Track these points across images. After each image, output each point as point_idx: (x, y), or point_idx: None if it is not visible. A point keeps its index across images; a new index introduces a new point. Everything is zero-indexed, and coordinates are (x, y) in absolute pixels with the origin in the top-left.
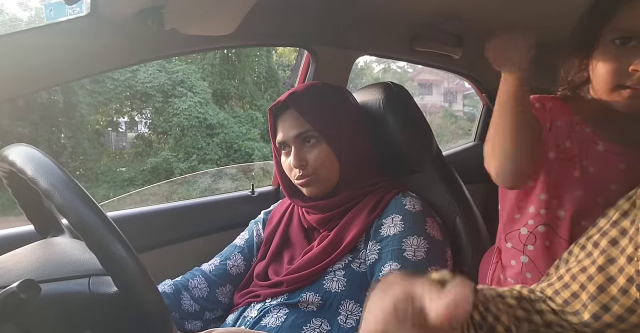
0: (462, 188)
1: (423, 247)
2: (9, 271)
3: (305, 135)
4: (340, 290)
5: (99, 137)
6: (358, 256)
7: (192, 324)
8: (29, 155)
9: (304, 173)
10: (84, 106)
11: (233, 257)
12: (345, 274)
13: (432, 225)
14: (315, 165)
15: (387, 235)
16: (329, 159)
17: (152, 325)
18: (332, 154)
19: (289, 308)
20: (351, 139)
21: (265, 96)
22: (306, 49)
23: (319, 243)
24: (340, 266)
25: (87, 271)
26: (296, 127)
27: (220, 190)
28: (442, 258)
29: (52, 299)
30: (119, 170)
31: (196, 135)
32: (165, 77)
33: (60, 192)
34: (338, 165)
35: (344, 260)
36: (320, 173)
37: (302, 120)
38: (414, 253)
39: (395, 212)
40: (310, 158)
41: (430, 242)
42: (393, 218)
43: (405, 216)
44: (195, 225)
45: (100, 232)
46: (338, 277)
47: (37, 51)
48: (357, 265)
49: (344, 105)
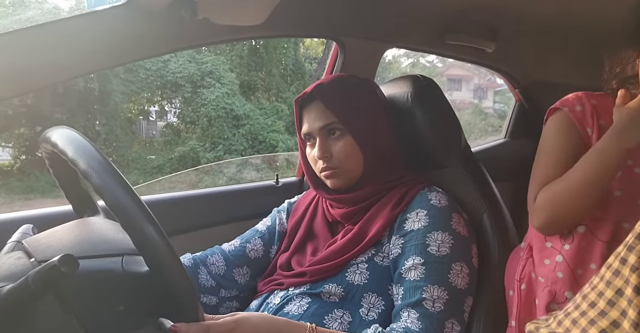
0: (491, 185)
1: (448, 243)
2: (51, 246)
3: (330, 127)
4: (363, 283)
5: (131, 125)
6: (381, 250)
7: (208, 298)
8: (70, 137)
9: (328, 166)
10: (117, 95)
11: (253, 241)
12: (368, 267)
13: (458, 220)
14: (340, 158)
15: (412, 229)
16: (353, 151)
17: (180, 303)
18: (356, 147)
19: (312, 297)
20: (376, 132)
21: (291, 88)
22: (335, 41)
23: (343, 237)
24: (363, 259)
25: (120, 250)
26: (321, 118)
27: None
28: (467, 255)
29: (88, 275)
30: (149, 157)
31: (222, 125)
32: (194, 67)
33: (97, 174)
34: (362, 157)
35: (367, 254)
36: (345, 165)
37: (328, 112)
38: (438, 249)
39: (421, 207)
40: (335, 150)
41: (456, 238)
42: (418, 212)
43: (430, 211)
44: (220, 213)
45: (134, 214)
46: (361, 269)
47: (77, 39)
48: (380, 259)
49: (370, 98)
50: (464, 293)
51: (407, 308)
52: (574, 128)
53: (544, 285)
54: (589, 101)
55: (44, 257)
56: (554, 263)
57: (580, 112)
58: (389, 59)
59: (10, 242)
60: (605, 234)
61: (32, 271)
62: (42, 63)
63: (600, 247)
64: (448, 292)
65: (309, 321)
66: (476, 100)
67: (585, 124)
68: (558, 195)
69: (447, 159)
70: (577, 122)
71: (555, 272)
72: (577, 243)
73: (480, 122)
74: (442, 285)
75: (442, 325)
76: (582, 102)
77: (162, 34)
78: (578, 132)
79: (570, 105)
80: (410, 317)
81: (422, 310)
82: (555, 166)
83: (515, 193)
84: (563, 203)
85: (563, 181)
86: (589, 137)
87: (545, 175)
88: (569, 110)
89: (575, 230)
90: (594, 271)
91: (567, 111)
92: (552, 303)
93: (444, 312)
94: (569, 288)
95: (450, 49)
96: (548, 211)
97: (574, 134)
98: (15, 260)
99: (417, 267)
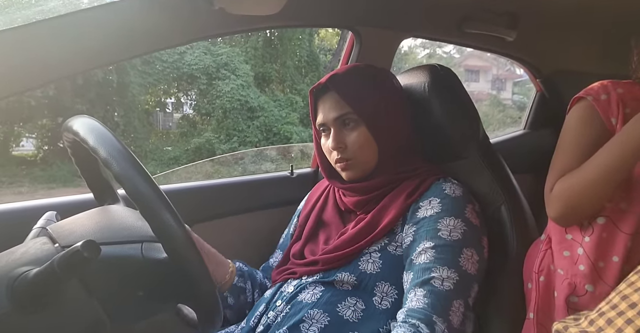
0: (509, 177)
1: (460, 229)
2: (73, 233)
3: (344, 117)
4: (376, 272)
5: (148, 117)
6: (394, 239)
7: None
8: (91, 126)
9: (343, 157)
10: (135, 86)
11: (275, 255)
12: (381, 256)
13: (471, 211)
14: (354, 149)
15: (424, 216)
16: (367, 142)
17: (197, 290)
18: (370, 138)
19: (325, 286)
20: (391, 123)
21: (305, 80)
22: (350, 30)
23: (355, 225)
24: (376, 248)
25: (140, 237)
26: (336, 109)
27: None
28: (479, 244)
29: (109, 261)
30: (165, 149)
31: (237, 117)
32: (210, 59)
33: (117, 162)
34: (377, 148)
35: (380, 243)
36: (359, 156)
37: (342, 102)
38: (449, 233)
39: (434, 196)
40: (349, 141)
41: (468, 226)
42: (431, 201)
43: (444, 199)
44: (234, 203)
45: (153, 202)
46: (374, 258)
47: (95, 30)
48: (393, 248)
49: (386, 88)
50: (473, 278)
51: (414, 288)
52: (597, 118)
53: (563, 278)
54: (614, 90)
55: (67, 242)
56: (576, 256)
57: (605, 101)
58: (404, 49)
59: (36, 228)
60: (629, 226)
61: (57, 256)
62: (61, 54)
63: (624, 240)
64: (458, 274)
65: (322, 309)
66: (494, 92)
67: (610, 114)
68: (575, 185)
69: (465, 150)
70: (601, 111)
71: (577, 264)
72: (598, 235)
73: (498, 114)
74: (452, 267)
75: (449, 303)
76: (608, 91)
77: (178, 25)
78: (601, 122)
79: (595, 94)
80: (417, 296)
81: (429, 288)
82: (575, 156)
83: (535, 185)
84: (579, 194)
85: (580, 171)
86: (614, 127)
87: (564, 165)
88: (593, 99)
89: (595, 222)
90: (617, 264)
91: (591, 100)
92: (572, 296)
93: (453, 291)
94: (590, 281)
95: (469, 38)
96: (563, 201)
97: (597, 124)
98: (41, 245)
99: (427, 251)
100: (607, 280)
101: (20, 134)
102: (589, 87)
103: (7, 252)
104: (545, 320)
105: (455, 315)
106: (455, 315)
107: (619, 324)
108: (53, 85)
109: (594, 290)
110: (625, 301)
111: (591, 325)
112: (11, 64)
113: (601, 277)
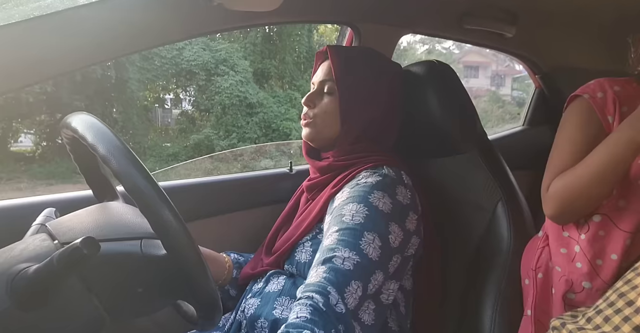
0: (507, 173)
1: (362, 213)
2: (73, 229)
3: (326, 83)
4: (308, 260)
5: (147, 113)
6: (321, 228)
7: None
8: (89, 122)
9: (307, 114)
10: (134, 82)
11: None
12: (311, 245)
13: (380, 197)
14: (319, 112)
15: (335, 205)
16: (333, 113)
17: (196, 286)
18: (337, 112)
19: (284, 275)
20: (366, 109)
21: (304, 76)
22: (349, 26)
23: (299, 216)
24: (308, 237)
25: (139, 234)
26: (325, 74)
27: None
28: (383, 230)
29: (109, 258)
30: (164, 145)
31: (236, 113)
32: (209, 55)
33: (116, 159)
34: (338, 125)
35: (312, 232)
36: (320, 120)
37: (331, 71)
38: (352, 217)
39: (348, 185)
40: (319, 103)
41: (371, 211)
42: (343, 190)
43: (352, 188)
44: (234, 200)
45: (152, 198)
46: (306, 248)
47: (92, 26)
48: (322, 237)
49: (378, 74)
50: (374, 264)
51: (316, 266)
52: (594, 116)
53: (560, 275)
54: (611, 87)
55: (66, 239)
56: (572, 253)
57: (602, 99)
58: (403, 45)
59: (35, 225)
60: (629, 225)
61: (56, 252)
62: (59, 50)
63: (623, 237)
64: (359, 257)
65: (287, 296)
66: (493, 88)
67: (606, 112)
68: (570, 184)
69: (462, 145)
70: (598, 109)
71: (573, 261)
72: (594, 232)
73: (497, 110)
74: (353, 249)
75: (347, 280)
76: (604, 89)
77: (176, 21)
78: (598, 120)
79: (591, 92)
80: (317, 272)
81: (330, 265)
82: (572, 155)
83: (533, 182)
84: (574, 193)
85: (576, 170)
86: (610, 125)
87: (560, 164)
88: (590, 97)
89: (591, 220)
90: (615, 262)
91: (587, 98)
92: (569, 293)
93: (352, 272)
94: (587, 279)
95: (468, 34)
96: (559, 200)
97: (594, 122)
98: (40, 241)
99: (332, 235)
100: (604, 278)
101: (18, 129)
102: (586, 85)
103: (7, 249)
104: (543, 316)
105: (350, 297)
106: (351, 297)
107: (616, 322)
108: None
109: (591, 287)
110: (623, 299)
111: (589, 322)
112: (9, 60)
113: (598, 275)
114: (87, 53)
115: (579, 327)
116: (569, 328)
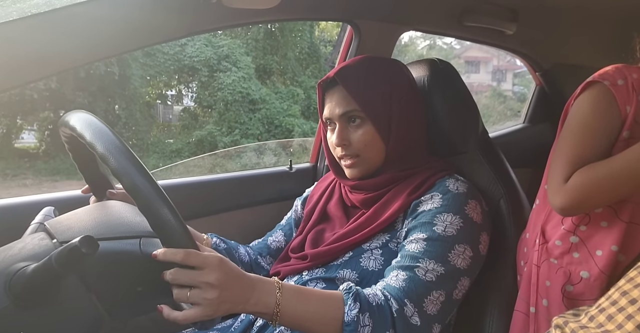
0: (509, 171)
1: (456, 225)
2: (71, 228)
3: (350, 114)
4: (378, 269)
5: (149, 109)
6: (395, 236)
7: None
8: (88, 121)
9: (347, 154)
10: (136, 79)
11: (275, 234)
12: (382, 253)
13: (474, 207)
14: (359, 147)
15: (423, 210)
16: (373, 140)
17: None
18: (377, 136)
19: (326, 282)
20: (401, 120)
21: (306, 72)
22: (349, 23)
23: (355, 221)
24: (377, 245)
25: (138, 232)
26: (342, 105)
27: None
28: (475, 241)
29: (107, 256)
30: (167, 141)
31: (239, 110)
32: (211, 51)
33: (114, 157)
34: (384, 147)
35: (381, 239)
36: (364, 155)
37: (349, 98)
38: (444, 229)
39: (438, 191)
40: (354, 139)
41: (466, 222)
42: (433, 196)
43: (445, 195)
44: (234, 198)
45: (151, 197)
46: (375, 255)
47: (94, 23)
48: (394, 245)
49: (396, 83)
50: (461, 272)
51: (397, 269)
52: (614, 104)
53: (557, 267)
54: (630, 74)
55: (65, 238)
56: (568, 244)
57: (623, 87)
58: (404, 41)
59: (34, 224)
60: (626, 214)
61: (55, 251)
62: (61, 47)
63: (624, 228)
64: (445, 268)
65: None
66: (494, 83)
67: (626, 101)
68: (600, 180)
69: (464, 145)
70: (619, 97)
71: (570, 252)
72: (596, 223)
73: (498, 106)
74: (439, 261)
75: (427, 292)
76: (624, 76)
77: (176, 18)
78: (617, 110)
79: (612, 79)
80: (397, 277)
81: (411, 274)
82: (592, 146)
83: (534, 180)
84: (601, 188)
85: (606, 167)
86: (627, 115)
87: (580, 155)
88: (611, 83)
89: (592, 211)
90: (614, 253)
91: (608, 85)
92: (567, 285)
93: (434, 283)
94: (586, 268)
95: (468, 31)
96: (581, 193)
97: (614, 111)
98: (39, 240)
99: (418, 241)
100: (602, 268)
101: (22, 126)
102: (603, 70)
103: (5, 248)
104: (544, 312)
105: (431, 303)
106: (432, 303)
107: (619, 320)
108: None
109: (589, 277)
110: (626, 297)
111: (591, 321)
112: (12, 56)
113: (598, 265)
114: (89, 50)
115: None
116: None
